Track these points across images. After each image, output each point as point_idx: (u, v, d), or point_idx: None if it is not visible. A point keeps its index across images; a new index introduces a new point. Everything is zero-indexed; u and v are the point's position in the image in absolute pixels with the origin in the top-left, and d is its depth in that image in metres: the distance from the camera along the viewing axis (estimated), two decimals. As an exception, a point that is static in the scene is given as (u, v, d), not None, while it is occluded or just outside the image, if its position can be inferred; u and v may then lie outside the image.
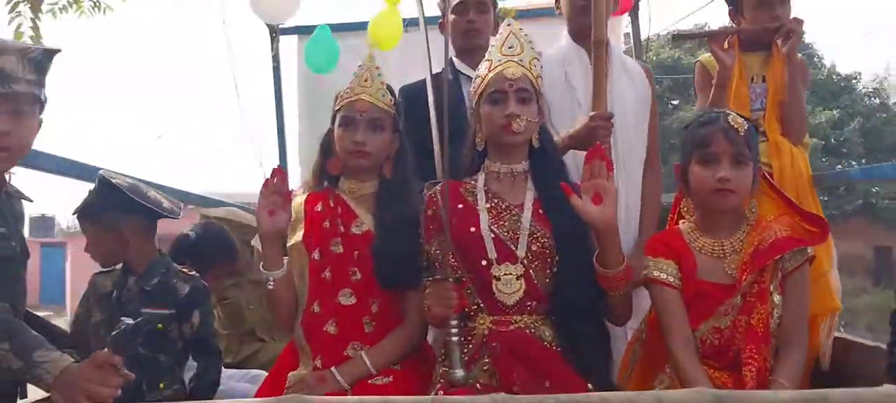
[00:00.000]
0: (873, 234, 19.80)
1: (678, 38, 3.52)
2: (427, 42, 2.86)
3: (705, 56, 3.11)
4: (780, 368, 1.96)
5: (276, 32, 4.85)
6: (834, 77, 21.21)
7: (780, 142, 2.81)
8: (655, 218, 2.84)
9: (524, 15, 3.92)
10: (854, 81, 21.59)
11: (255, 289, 3.35)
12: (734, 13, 3.07)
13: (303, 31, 4.79)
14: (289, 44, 4.91)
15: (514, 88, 2.18)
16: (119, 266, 2.48)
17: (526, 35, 2.30)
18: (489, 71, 2.24)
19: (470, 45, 3.06)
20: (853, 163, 19.83)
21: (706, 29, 3.42)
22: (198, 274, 2.49)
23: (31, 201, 2.24)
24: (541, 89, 2.28)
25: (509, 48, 2.26)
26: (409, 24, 4.33)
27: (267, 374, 2.92)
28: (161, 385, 2.22)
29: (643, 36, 4.73)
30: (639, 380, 2.22)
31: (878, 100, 21.71)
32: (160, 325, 2.28)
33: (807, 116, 2.95)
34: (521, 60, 2.23)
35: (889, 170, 3.55)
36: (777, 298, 2.00)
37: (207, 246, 3.06)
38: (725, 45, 2.95)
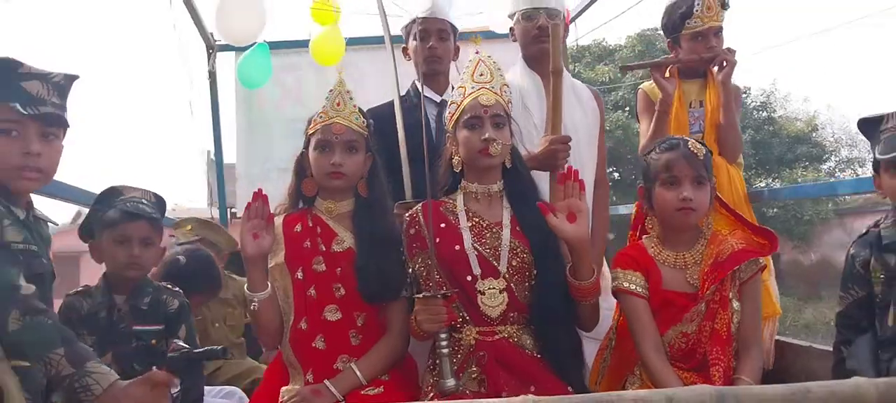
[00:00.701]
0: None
1: (624, 69, 3.77)
2: (395, 67, 3.03)
3: (647, 84, 3.37)
4: (742, 367, 2.21)
5: (213, 49, 4.89)
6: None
7: (718, 162, 3.07)
8: (606, 229, 3.07)
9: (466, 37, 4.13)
10: (744, 96, 22.80)
11: (220, 308, 3.41)
12: (672, 44, 3.35)
13: (240, 48, 4.85)
14: (226, 59, 4.97)
15: (489, 114, 2.36)
16: (93, 286, 2.52)
17: (494, 62, 2.48)
18: (464, 98, 2.41)
19: (432, 71, 3.22)
20: (748, 171, 20.92)
21: (648, 60, 3.68)
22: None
23: (57, 225, 2.27)
24: (511, 113, 2.47)
25: (480, 76, 2.43)
26: (351, 42, 4.48)
27: (238, 390, 3.01)
28: None
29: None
30: (609, 382, 2.43)
31: (765, 114, 22.86)
32: (154, 341, 2.34)
33: (741, 136, 3.24)
34: (493, 87, 2.41)
35: (814, 189, 3.90)
36: (736, 304, 2.25)
37: (195, 273, 3.11)
38: (667, 74, 3.23)
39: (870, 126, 2.31)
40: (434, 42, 3.22)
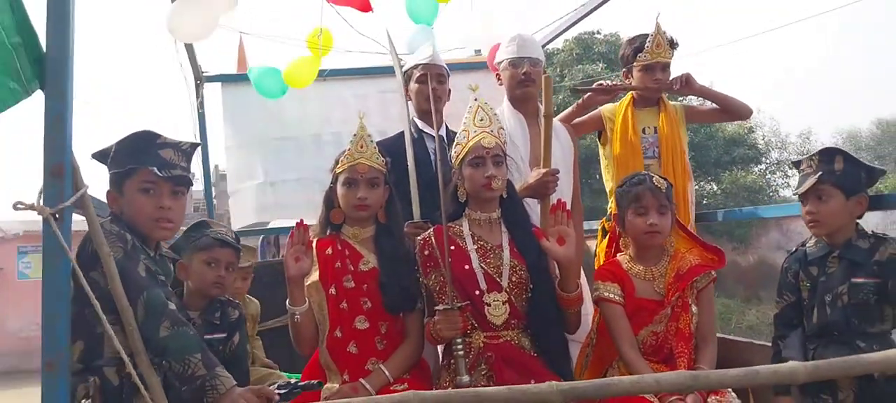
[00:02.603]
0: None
1: (575, 91, 4.41)
2: (408, 109, 3.60)
3: (606, 108, 4.01)
4: (701, 357, 2.83)
5: (201, 80, 5.35)
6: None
7: (676, 190, 3.70)
8: (581, 247, 3.68)
9: (457, 67, 4.71)
10: (681, 99, 23.57)
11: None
12: (627, 73, 3.97)
13: (227, 78, 5.33)
14: (213, 89, 5.41)
15: (490, 155, 2.92)
16: None
17: (491, 108, 3.06)
18: (468, 140, 2.96)
19: (430, 109, 3.77)
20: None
21: (599, 84, 4.31)
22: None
23: (180, 260, 2.76)
24: (507, 152, 3.05)
25: (481, 120, 2.99)
26: (327, 74, 5.02)
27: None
28: None
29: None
30: (591, 374, 3.02)
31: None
32: (221, 347, 2.82)
33: (731, 97, 3.92)
34: (492, 131, 2.97)
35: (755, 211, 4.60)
36: (694, 308, 2.87)
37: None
38: (612, 96, 3.96)
39: (796, 165, 2.96)
40: (434, 84, 3.77)
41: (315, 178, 4.77)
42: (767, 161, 24.75)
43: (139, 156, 2.41)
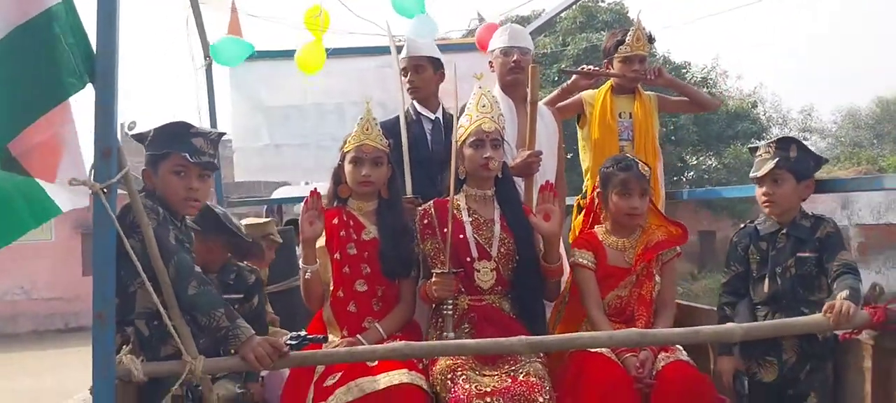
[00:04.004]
0: (700, 220, 22.10)
1: (563, 72, 4.86)
2: (403, 93, 4.02)
3: (587, 93, 4.43)
4: (659, 321, 3.25)
5: (208, 58, 5.74)
6: (667, 66, 23.41)
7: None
8: (563, 220, 4.10)
9: (448, 48, 5.11)
10: (684, 70, 23.83)
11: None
12: (608, 63, 4.38)
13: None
14: (219, 66, 5.81)
15: (489, 138, 3.31)
16: None
17: (492, 95, 3.47)
18: (470, 124, 3.35)
19: (419, 97, 4.18)
20: (690, 148, 22.22)
21: (586, 68, 4.71)
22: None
23: (199, 231, 3.18)
24: (504, 137, 3.45)
25: (483, 107, 3.39)
26: (342, 53, 5.44)
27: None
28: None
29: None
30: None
31: (706, 89, 24.08)
32: (237, 306, 3.25)
33: (696, 89, 4.51)
34: (492, 117, 3.36)
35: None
36: (658, 278, 3.30)
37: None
38: (594, 80, 4.43)
39: (752, 151, 3.37)
40: (412, 76, 4.17)
41: (318, 144, 5.35)
42: (768, 137, 24.99)
43: (173, 143, 2.82)
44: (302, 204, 3.35)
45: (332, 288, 3.38)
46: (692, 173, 23.58)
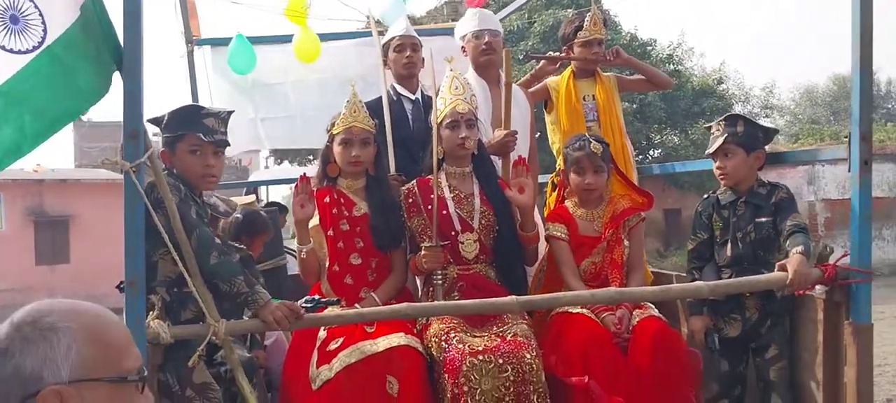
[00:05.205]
0: (666, 198, 22.59)
1: (527, 58, 5.23)
2: (384, 76, 4.35)
3: (552, 79, 4.80)
4: (631, 281, 3.64)
5: (191, 43, 6.02)
6: (633, 43, 23.76)
7: (622, 146, 4.54)
8: (536, 192, 4.46)
9: (427, 33, 5.44)
10: (650, 48, 24.23)
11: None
12: (568, 49, 4.75)
13: (216, 42, 6.00)
14: (201, 52, 6.09)
15: (464, 119, 3.67)
16: None
17: (465, 78, 3.82)
18: (445, 106, 3.70)
19: (408, 74, 4.50)
20: (656, 125, 22.72)
21: (551, 53, 5.12)
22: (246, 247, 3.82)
23: (212, 206, 3.49)
24: (478, 116, 3.80)
25: (456, 89, 3.74)
26: (325, 38, 5.76)
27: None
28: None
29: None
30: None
31: (671, 66, 24.49)
32: None
33: (656, 70, 4.93)
34: (466, 99, 3.72)
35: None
36: (626, 243, 3.69)
37: (253, 224, 4.31)
38: (557, 65, 4.81)
39: (708, 129, 3.77)
40: (410, 52, 4.49)
41: (303, 115, 5.67)
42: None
43: (188, 124, 3.15)
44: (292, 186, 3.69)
45: (327, 264, 3.72)
46: (659, 150, 24.08)
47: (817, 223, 21.26)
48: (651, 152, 24.23)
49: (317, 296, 3.35)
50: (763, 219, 3.58)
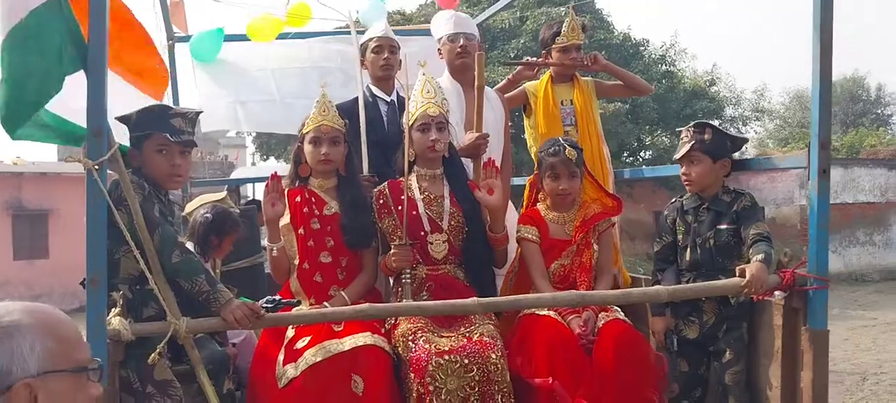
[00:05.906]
0: (656, 200, 22.60)
1: (505, 63, 5.29)
2: (360, 77, 4.41)
3: (530, 84, 4.87)
4: (598, 285, 3.70)
5: (172, 40, 6.06)
6: (626, 44, 23.83)
7: (598, 151, 4.61)
8: (508, 196, 4.51)
9: (405, 34, 5.51)
10: (642, 49, 24.30)
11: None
12: (546, 55, 4.82)
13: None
14: (182, 49, 6.13)
15: (434, 122, 3.73)
16: None
17: (436, 82, 3.88)
18: (416, 109, 3.76)
19: (386, 76, 4.54)
20: (648, 126, 22.80)
21: (529, 60, 5.19)
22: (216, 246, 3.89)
23: (181, 209, 3.55)
24: (449, 120, 3.87)
25: (427, 92, 3.80)
26: (305, 37, 5.84)
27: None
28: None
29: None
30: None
31: (664, 67, 24.54)
32: None
33: (633, 75, 5.01)
34: (436, 102, 3.78)
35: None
36: (596, 247, 3.75)
37: (223, 223, 4.35)
38: (535, 71, 4.87)
39: (677, 135, 3.85)
40: (387, 54, 4.52)
41: (282, 101, 5.78)
42: (721, 117, 25.66)
43: (155, 123, 3.21)
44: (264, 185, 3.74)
45: (297, 262, 3.78)
46: (650, 152, 24.17)
47: (807, 227, 21.30)
48: (642, 154, 24.33)
49: (278, 296, 3.40)
50: (723, 226, 3.66)
